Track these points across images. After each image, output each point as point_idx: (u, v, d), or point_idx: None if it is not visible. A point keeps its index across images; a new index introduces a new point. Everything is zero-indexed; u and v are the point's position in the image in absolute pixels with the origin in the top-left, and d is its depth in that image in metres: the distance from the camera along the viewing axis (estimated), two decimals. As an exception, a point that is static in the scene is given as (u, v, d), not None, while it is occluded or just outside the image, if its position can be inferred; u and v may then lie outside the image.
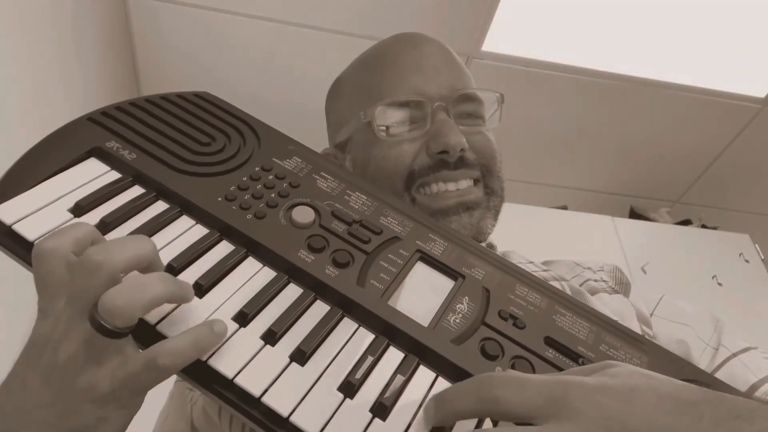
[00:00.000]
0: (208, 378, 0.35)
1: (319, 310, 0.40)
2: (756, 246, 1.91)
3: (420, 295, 0.42)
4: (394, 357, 0.38)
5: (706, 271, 1.78)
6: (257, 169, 0.47)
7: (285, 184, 0.46)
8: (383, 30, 0.70)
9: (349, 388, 0.35)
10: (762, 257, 1.88)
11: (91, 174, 0.44)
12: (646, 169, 2.09)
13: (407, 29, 0.67)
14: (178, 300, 0.36)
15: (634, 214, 2.16)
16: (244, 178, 0.46)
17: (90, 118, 0.47)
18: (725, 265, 1.82)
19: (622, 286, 0.65)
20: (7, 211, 0.39)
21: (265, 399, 0.34)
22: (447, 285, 0.43)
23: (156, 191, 0.44)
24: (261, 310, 0.38)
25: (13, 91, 1.08)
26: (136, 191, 0.44)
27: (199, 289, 0.38)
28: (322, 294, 0.41)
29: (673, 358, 0.43)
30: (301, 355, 0.36)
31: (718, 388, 0.38)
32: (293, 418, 0.33)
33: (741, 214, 2.25)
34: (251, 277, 0.40)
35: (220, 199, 0.44)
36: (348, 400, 0.35)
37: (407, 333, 0.39)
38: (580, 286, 0.63)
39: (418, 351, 0.39)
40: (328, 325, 0.38)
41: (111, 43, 1.56)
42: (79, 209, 0.41)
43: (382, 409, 0.34)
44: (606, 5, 1.59)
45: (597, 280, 0.64)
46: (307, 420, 0.33)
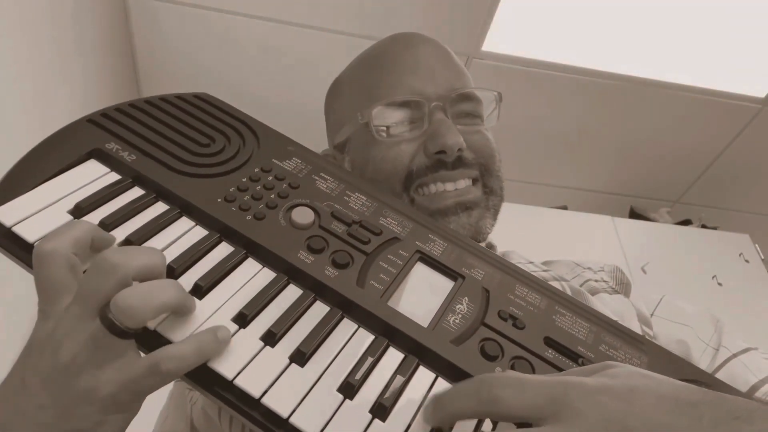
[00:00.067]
0: (207, 379, 0.35)
1: (318, 311, 0.40)
2: (756, 246, 1.91)
3: (420, 295, 0.42)
4: (393, 358, 0.38)
5: (706, 271, 1.78)
6: (257, 170, 0.47)
7: (284, 185, 0.46)
8: (383, 30, 0.70)
9: (348, 388, 0.35)
10: (762, 257, 1.88)
11: (91, 175, 0.44)
12: (646, 169, 2.09)
13: (407, 29, 0.67)
14: (183, 310, 0.36)
15: (634, 214, 2.16)
16: (244, 179, 0.46)
17: (90, 120, 0.47)
18: (725, 265, 1.82)
19: (623, 287, 0.65)
20: (7, 213, 0.39)
21: (264, 400, 0.34)
22: (447, 285, 0.43)
23: (156, 192, 0.44)
24: (260, 311, 0.38)
25: (13, 91, 1.08)
26: (136, 192, 0.44)
27: (199, 291, 0.38)
28: (321, 295, 0.40)
29: (673, 359, 0.43)
30: (300, 356, 0.36)
31: (718, 388, 0.38)
32: (293, 419, 0.33)
33: (741, 214, 2.24)
34: (251, 278, 0.40)
35: (220, 200, 0.44)
36: (348, 400, 0.35)
37: (407, 334, 0.39)
38: (581, 286, 0.63)
39: (418, 352, 0.39)
40: (327, 326, 0.38)
41: (111, 43, 1.56)
42: (79, 211, 0.41)
43: (381, 409, 0.35)
44: (606, 5, 1.59)
45: (597, 281, 0.64)
46: (306, 421, 0.33)
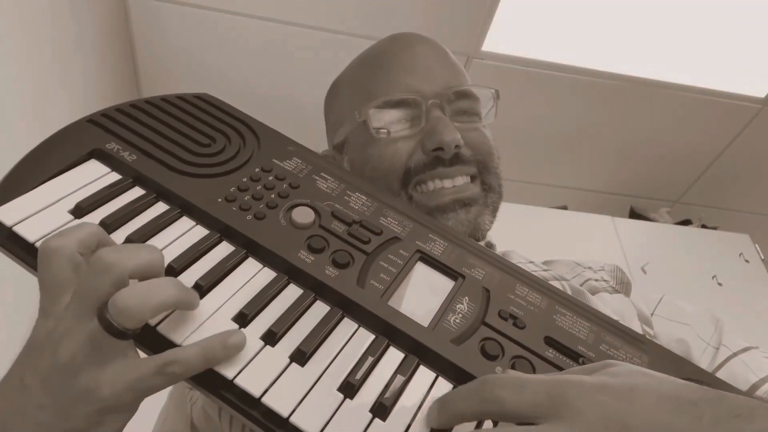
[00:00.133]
0: (208, 378, 0.35)
1: (319, 310, 0.40)
2: (756, 246, 1.91)
3: (420, 295, 0.42)
4: (394, 357, 0.38)
5: (706, 271, 1.78)
6: (257, 170, 0.47)
7: (285, 185, 0.46)
8: (383, 30, 0.70)
9: (349, 388, 0.35)
10: (762, 257, 1.88)
11: (92, 175, 0.44)
12: (646, 169, 2.09)
13: (407, 29, 0.67)
14: (185, 306, 0.36)
15: (634, 214, 2.16)
16: (244, 179, 0.46)
17: (90, 120, 0.47)
18: (725, 265, 1.82)
19: (623, 286, 0.65)
20: (7, 213, 0.39)
21: (265, 399, 0.34)
22: (447, 285, 0.43)
23: (156, 192, 0.44)
24: (261, 310, 0.38)
25: (13, 91, 1.08)
26: (137, 192, 0.44)
27: (199, 290, 0.38)
28: (322, 294, 0.41)
29: (674, 358, 0.43)
30: (301, 356, 0.36)
31: (718, 387, 0.38)
32: (293, 419, 0.33)
33: (741, 214, 2.24)
34: (251, 278, 0.40)
35: (220, 200, 0.44)
36: (348, 400, 0.35)
37: (407, 333, 0.39)
38: (581, 285, 0.63)
39: (418, 351, 0.39)
40: (328, 326, 0.38)
41: (111, 43, 1.56)
42: (79, 211, 0.41)
43: (382, 409, 0.35)
44: (606, 5, 1.59)
45: (598, 280, 0.64)
46: (307, 420, 0.33)
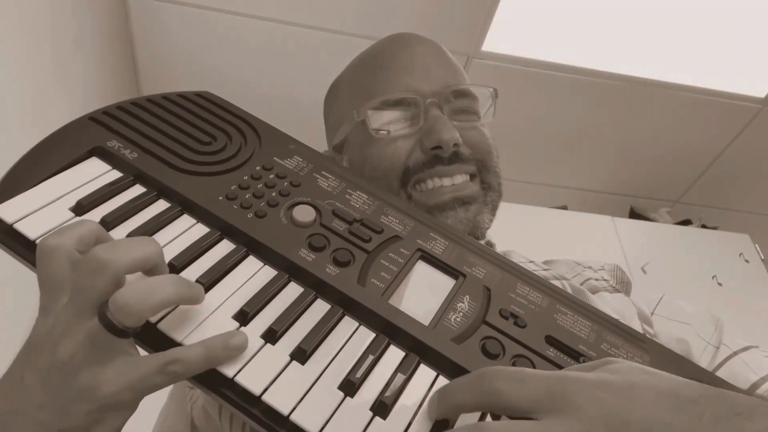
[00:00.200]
0: (208, 377, 0.35)
1: (319, 308, 0.40)
2: (756, 246, 1.91)
3: (421, 294, 0.42)
4: (394, 356, 0.38)
5: (706, 271, 1.78)
6: (258, 168, 0.47)
7: (286, 183, 0.46)
8: (383, 30, 0.70)
9: (349, 386, 0.35)
10: (762, 257, 1.88)
11: (93, 173, 0.44)
12: (646, 169, 2.09)
13: (407, 29, 0.67)
14: (188, 302, 0.36)
15: (634, 214, 2.16)
16: (245, 177, 0.46)
17: (91, 118, 0.47)
18: (725, 265, 1.82)
19: (623, 285, 0.65)
20: (8, 210, 0.39)
21: (265, 398, 0.34)
22: (448, 284, 0.43)
23: (157, 190, 0.44)
24: (261, 308, 0.38)
25: (13, 91, 1.08)
26: (137, 190, 0.44)
27: (200, 288, 0.38)
28: (322, 293, 0.41)
29: (674, 357, 0.43)
30: (301, 354, 0.36)
31: (719, 386, 0.38)
32: (294, 417, 0.33)
33: (741, 214, 2.24)
34: (252, 276, 0.40)
35: (221, 198, 0.44)
36: (348, 398, 0.35)
37: (408, 332, 0.39)
38: (581, 285, 0.63)
39: (419, 350, 0.39)
40: (328, 324, 0.38)
41: (111, 43, 1.56)
42: (80, 208, 0.41)
43: (382, 407, 0.35)
44: (606, 5, 1.59)
45: (598, 279, 0.64)
46: (307, 419, 0.33)
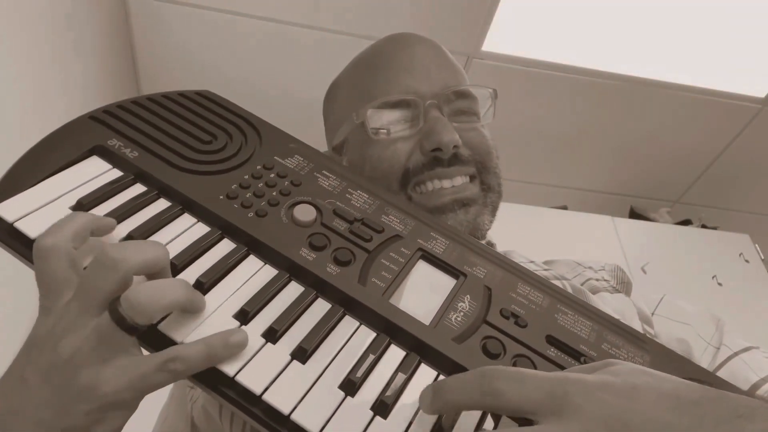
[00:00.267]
0: (209, 376, 0.34)
1: (320, 308, 0.40)
2: (756, 246, 1.91)
3: (421, 293, 0.42)
4: (395, 355, 0.38)
5: (706, 271, 1.78)
6: (259, 167, 0.47)
7: (286, 183, 0.46)
8: (383, 30, 0.70)
9: (350, 386, 0.35)
10: (762, 257, 1.88)
11: (93, 172, 0.44)
12: (646, 169, 2.09)
13: (407, 29, 0.67)
14: (192, 308, 0.36)
15: (634, 214, 2.16)
16: (246, 176, 0.46)
17: (92, 117, 0.47)
18: (725, 265, 1.82)
19: (624, 286, 0.65)
20: (9, 209, 0.39)
21: (266, 397, 0.34)
22: (448, 283, 0.43)
23: (157, 189, 0.44)
24: (262, 308, 0.38)
25: (13, 91, 1.08)
26: (138, 189, 0.44)
27: (201, 287, 0.38)
28: (323, 292, 0.40)
29: (675, 357, 0.43)
30: (302, 353, 0.36)
31: (719, 387, 0.38)
32: (294, 416, 0.33)
33: (741, 214, 2.24)
34: (252, 275, 0.40)
35: (222, 197, 0.44)
36: (349, 398, 0.35)
37: (409, 331, 0.39)
38: (582, 285, 0.63)
39: (420, 349, 0.39)
40: (329, 324, 0.38)
41: (111, 43, 1.56)
42: (80, 207, 0.41)
43: (383, 407, 0.34)
44: (606, 5, 1.59)
45: (598, 279, 0.64)
46: (308, 418, 0.33)
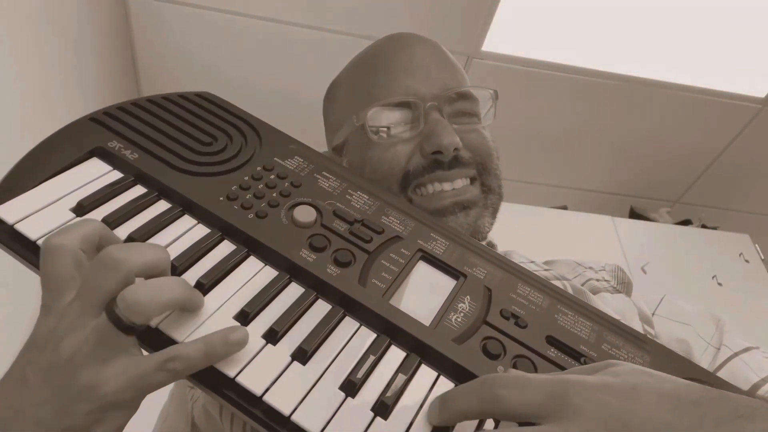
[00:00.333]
0: (209, 377, 0.35)
1: (320, 309, 0.40)
2: (756, 246, 1.91)
3: (422, 294, 0.42)
4: (395, 356, 0.38)
5: (706, 271, 1.78)
6: (259, 168, 0.47)
7: (286, 184, 0.46)
8: (383, 30, 0.70)
9: (350, 387, 0.35)
10: (762, 257, 1.88)
11: (93, 174, 0.44)
12: (646, 169, 2.09)
13: (407, 29, 0.67)
14: (191, 306, 0.36)
15: (634, 214, 2.16)
16: (246, 178, 0.46)
17: (92, 118, 0.47)
18: (725, 265, 1.82)
19: (624, 286, 0.65)
20: (9, 211, 0.39)
21: (266, 398, 0.34)
22: (449, 284, 0.43)
23: (158, 191, 0.44)
24: (262, 309, 0.38)
25: (13, 92, 1.08)
26: (138, 191, 0.44)
27: (201, 289, 0.38)
28: (323, 293, 0.41)
29: (676, 358, 0.43)
30: (302, 354, 0.36)
31: (720, 387, 0.38)
32: (295, 417, 0.33)
33: (741, 214, 2.25)
34: (253, 277, 0.40)
35: (222, 198, 0.44)
36: (349, 399, 0.35)
37: (409, 332, 0.39)
38: (582, 285, 0.63)
39: (420, 350, 0.39)
40: (329, 325, 0.38)
41: (111, 43, 1.56)
42: (81, 209, 0.41)
43: (383, 408, 0.35)
44: (606, 5, 1.59)
45: (599, 280, 0.64)
46: (308, 419, 0.33)
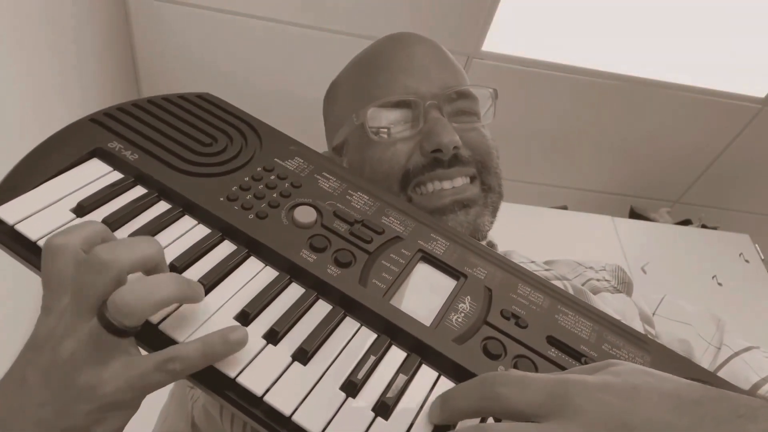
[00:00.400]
0: (209, 377, 0.35)
1: (321, 309, 0.40)
2: (756, 246, 1.91)
3: (422, 294, 0.42)
4: (396, 356, 0.38)
5: (706, 271, 1.78)
6: (259, 169, 0.47)
7: (287, 184, 0.46)
8: (383, 30, 0.70)
9: (351, 387, 0.35)
10: (762, 257, 1.88)
11: (94, 174, 0.44)
12: (646, 169, 2.09)
13: (407, 29, 0.67)
14: (188, 300, 0.36)
15: (634, 214, 2.16)
16: (246, 179, 0.46)
17: (92, 119, 0.47)
18: (725, 265, 1.82)
19: (625, 286, 0.65)
20: (9, 211, 0.39)
21: (267, 398, 0.34)
22: (449, 284, 0.43)
23: (158, 191, 0.44)
24: (263, 309, 0.38)
25: (12, 92, 1.08)
26: (138, 191, 0.44)
27: (201, 289, 0.38)
28: (324, 293, 0.41)
29: (676, 358, 0.43)
30: (303, 355, 0.36)
31: (721, 387, 0.38)
32: (295, 418, 0.33)
33: (741, 214, 2.25)
34: (253, 277, 0.40)
35: (222, 199, 0.44)
36: (350, 399, 0.35)
37: (409, 332, 0.39)
38: (583, 285, 0.63)
39: (421, 350, 0.39)
40: (330, 325, 0.38)
41: (111, 43, 1.56)
42: (81, 209, 0.41)
43: (384, 408, 0.35)
44: (606, 5, 1.59)
45: (599, 280, 0.64)
46: (309, 419, 0.33)
